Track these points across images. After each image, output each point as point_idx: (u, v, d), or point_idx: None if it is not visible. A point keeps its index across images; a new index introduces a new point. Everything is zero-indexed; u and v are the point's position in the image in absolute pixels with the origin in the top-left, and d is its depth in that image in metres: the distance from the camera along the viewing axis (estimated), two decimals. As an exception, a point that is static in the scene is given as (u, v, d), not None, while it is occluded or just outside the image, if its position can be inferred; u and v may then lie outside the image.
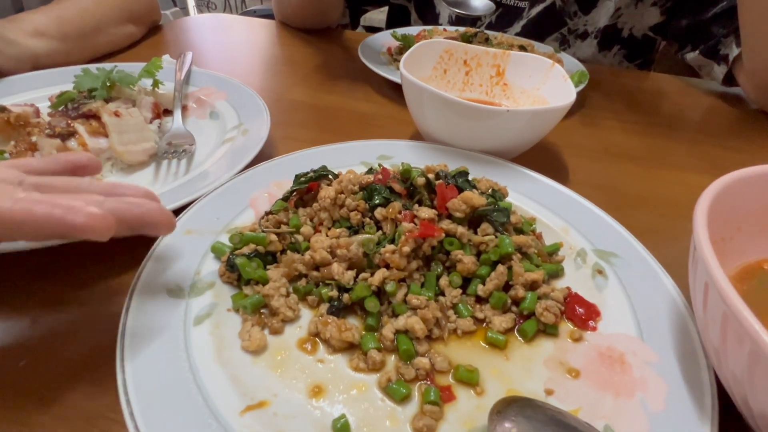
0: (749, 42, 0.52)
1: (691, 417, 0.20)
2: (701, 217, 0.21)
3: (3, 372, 0.22)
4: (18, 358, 0.23)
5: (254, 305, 0.24)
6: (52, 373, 0.22)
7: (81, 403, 0.21)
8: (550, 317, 0.24)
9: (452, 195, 0.27)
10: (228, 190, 0.31)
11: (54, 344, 0.23)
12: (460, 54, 0.45)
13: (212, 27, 0.76)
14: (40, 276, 0.27)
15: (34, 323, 0.25)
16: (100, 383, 0.21)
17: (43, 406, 0.20)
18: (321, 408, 0.20)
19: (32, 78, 0.45)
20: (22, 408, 0.20)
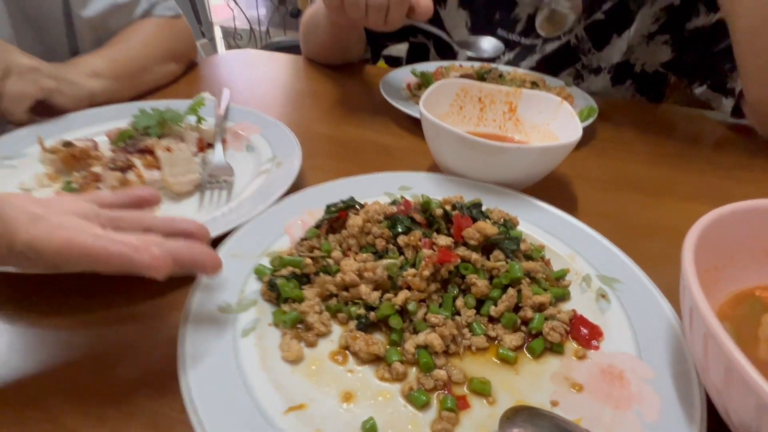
0: (747, 78, 0.54)
1: (682, 427, 0.22)
2: (689, 248, 0.24)
3: (80, 375, 0.26)
4: (91, 365, 0.26)
5: (292, 321, 0.27)
6: (120, 377, 0.25)
7: (146, 401, 0.24)
8: (556, 337, 0.27)
9: (467, 224, 0.31)
10: (266, 218, 0.35)
11: (120, 352, 0.27)
12: (474, 92, 0.49)
13: (242, 63, 0.82)
14: (104, 292, 0.31)
15: (101, 334, 0.28)
16: (162, 385, 0.25)
17: (115, 404, 0.24)
18: (351, 411, 0.23)
19: (89, 115, 0.51)
20: (99, 405, 0.24)
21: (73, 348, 0.27)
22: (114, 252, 0.22)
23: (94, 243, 0.22)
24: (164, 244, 0.24)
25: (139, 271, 0.22)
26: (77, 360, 0.27)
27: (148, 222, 0.26)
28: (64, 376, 0.26)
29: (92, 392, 0.25)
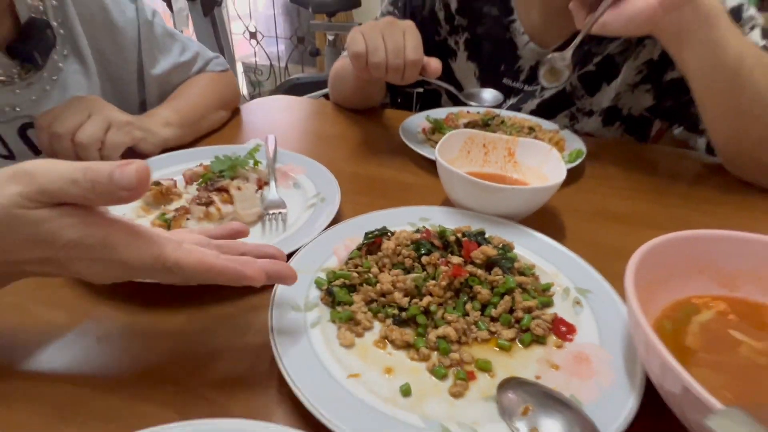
0: (707, 126, 0.65)
1: (626, 391, 0.31)
2: (632, 267, 0.33)
3: (188, 362, 0.35)
4: (197, 354, 0.36)
5: (345, 318, 0.37)
6: (220, 363, 0.35)
7: (244, 374, 0.34)
8: (540, 331, 0.36)
9: (474, 248, 0.41)
10: (317, 243, 0.45)
11: (218, 343, 0.37)
12: (480, 140, 0.60)
13: (278, 107, 0.95)
14: (202, 299, 0.41)
15: (205, 329, 0.38)
16: (253, 364, 0.34)
17: (218, 386, 0.34)
18: (391, 380, 0.33)
19: (165, 158, 0.62)
20: (206, 386, 0.34)
21: (184, 341, 0.37)
22: (230, 268, 0.31)
23: (215, 262, 0.31)
24: (257, 262, 0.34)
25: (244, 282, 0.31)
26: (187, 350, 0.37)
27: (243, 248, 0.36)
28: (177, 363, 0.35)
29: (200, 376, 0.34)
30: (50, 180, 0.26)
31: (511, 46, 0.81)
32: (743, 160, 0.64)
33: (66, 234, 0.26)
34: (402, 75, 0.63)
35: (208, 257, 0.30)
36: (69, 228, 0.26)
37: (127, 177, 0.25)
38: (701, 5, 0.54)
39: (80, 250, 0.27)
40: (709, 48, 0.56)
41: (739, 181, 0.67)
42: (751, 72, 0.57)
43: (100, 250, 0.27)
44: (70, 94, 0.65)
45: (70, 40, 0.66)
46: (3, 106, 0.60)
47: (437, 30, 0.86)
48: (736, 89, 0.58)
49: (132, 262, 0.27)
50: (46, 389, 0.32)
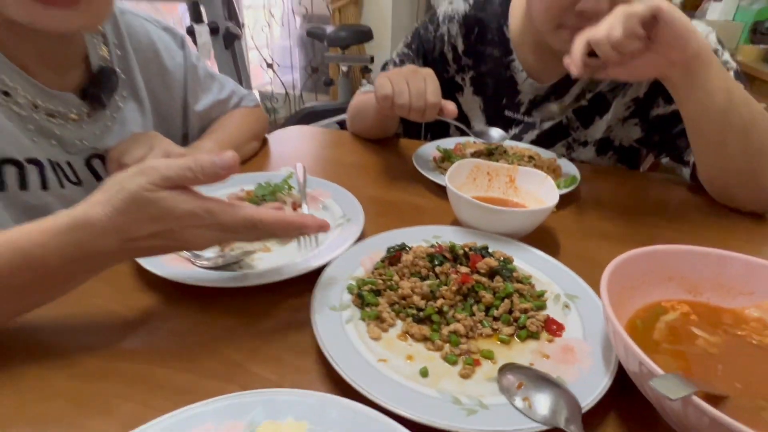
0: (697, 157, 0.72)
1: (602, 373, 0.38)
2: (606, 274, 0.41)
3: (244, 350, 0.44)
4: (252, 343, 0.44)
5: (373, 316, 0.45)
6: (273, 349, 0.43)
7: (291, 358, 0.42)
8: (534, 328, 0.44)
9: (479, 260, 0.49)
10: (346, 256, 0.53)
11: (270, 333, 0.45)
12: (484, 168, 0.69)
13: (302, 137, 1.05)
14: (254, 296, 0.49)
15: (256, 325, 0.46)
16: (299, 354, 0.42)
17: (274, 362, 0.42)
18: (412, 365, 0.40)
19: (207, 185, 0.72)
20: (259, 365, 0.42)
21: (240, 335, 0.45)
22: (297, 219, 0.41)
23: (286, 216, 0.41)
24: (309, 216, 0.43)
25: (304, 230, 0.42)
26: (242, 342, 0.45)
27: None
28: (236, 351, 0.44)
29: (255, 361, 0.42)
30: (170, 169, 0.36)
31: (512, 83, 0.90)
32: (728, 189, 0.72)
33: (181, 206, 0.37)
34: (423, 115, 0.72)
35: (281, 213, 0.41)
36: (183, 202, 0.37)
37: (224, 160, 0.37)
38: (703, 57, 0.60)
39: (191, 219, 0.37)
40: (705, 91, 0.62)
41: (718, 205, 0.75)
42: (738, 110, 0.63)
43: (205, 217, 0.37)
44: (127, 129, 0.75)
45: (129, 83, 0.77)
46: (74, 140, 0.69)
47: (446, 68, 0.96)
48: (725, 126, 0.64)
49: (228, 224, 0.38)
50: (140, 370, 0.40)
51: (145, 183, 0.36)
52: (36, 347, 0.42)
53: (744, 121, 0.64)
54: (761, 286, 0.44)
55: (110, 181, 0.38)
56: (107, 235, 0.38)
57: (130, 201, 0.36)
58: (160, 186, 0.36)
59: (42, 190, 0.64)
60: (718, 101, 0.62)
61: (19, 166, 0.61)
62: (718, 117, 0.64)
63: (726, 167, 0.69)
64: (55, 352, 0.42)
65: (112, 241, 0.38)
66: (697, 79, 0.61)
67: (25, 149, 0.62)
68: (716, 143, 0.67)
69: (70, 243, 0.38)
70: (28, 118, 0.62)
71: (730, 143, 0.65)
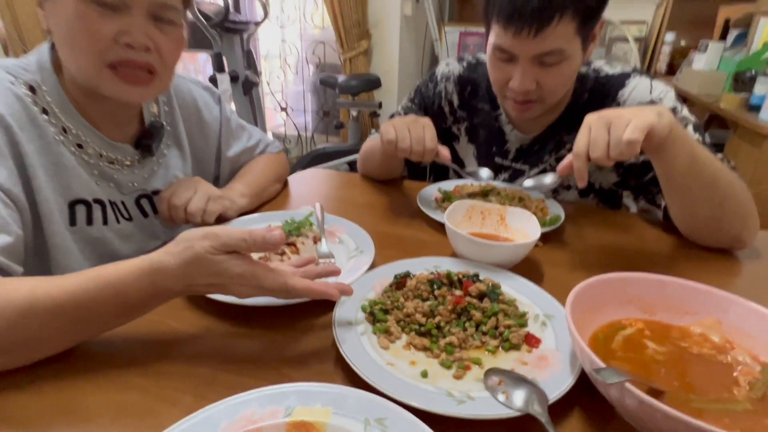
0: (670, 208, 0.81)
1: (567, 375, 0.47)
2: (571, 296, 0.51)
3: (275, 358, 0.53)
4: (282, 352, 0.54)
5: (383, 330, 0.54)
6: (300, 355, 0.53)
7: (315, 363, 0.51)
8: (516, 341, 0.53)
9: (470, 285, 0.59)
10: (360, 282, 0.63)
11: (299, 344, 0.55)
12: (478, 208, 0.80)
13: (317, 179, 1.17)
14: (283, 316, 0.59)
15: (282, 337, 0.56)
16: (322, 359, 0.52)
17: (302, 365, 0.51)
18: (415, 368, 0.50)
19: (242, 221, 0.83)
20: (287, 368, 0.51)
21: (274, 343, 0.55)
22: (322, 290, 0.50)
23: (313, 286, 0.51)
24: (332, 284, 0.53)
25: (327, 297, 0.51)
26: (274, 350, 0.54)
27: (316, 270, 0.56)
28: (268, 357, 0.53)
29: (284, 364, 0.52)
30: (229, 238, 0.46)
31: (500, 133, 1.03)
32: (696, 231, 0.81)
33: (233, 269, 0.46)
34: (422, 158, 0.84)
35: (310, 284, 0.50)
36: (235, 266, 0.46)
37: (271, 238, 0.46)
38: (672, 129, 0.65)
39: (239, 279, 0.46)
40: (671, 155, 0.69)
41: (689, 242, 0.85)
42: (701, 169, 0.71)
43: (250, 279, 0.47)
44: (170, 172, 0.88)
45: (173, 134, 0.90)
46: (127, 183, 0.82)
47: (444, 120, 1.09)
48: (690, 182, 0.72)
49: (267, 287, 0.47)
50: (193, 370, 0.50)
51: (209, 246, 0.47)
52: (111, 353, 0.52)
53: (707, 177, 0.72)
54: (703, 307, 0.53)
55: (182, 237, 0.49)
56: (175, 279, 0.48)
57: (195, 258, 0.47)
58: (220, 250, 0.47)
59: (103, 225, 0.76)
60: (683, 163, 0.70)
61: (87, 206, 0.73)
62: (683, 175, 0.72)
63: (693, 214, 0.79)
64: (126, 357, 0.52)
65: (178, 284, 0.49)
66: (663, 151, 0.68)
67: (92, 191, 0.74)
68: (683, 196, 0.76)
69: (147, 282, 0.49)
70: (94, 165, 0.75)
71: (695, 196, 0.74)
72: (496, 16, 0.79)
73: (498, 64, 0.86)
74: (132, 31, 0.64)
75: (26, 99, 0.66)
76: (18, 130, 0.64)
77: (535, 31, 0.75)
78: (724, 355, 0.49)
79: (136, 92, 0.68)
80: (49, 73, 0.70)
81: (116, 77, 0.65)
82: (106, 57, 0.64)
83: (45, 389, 0.47)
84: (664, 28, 2.92)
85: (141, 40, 0.64)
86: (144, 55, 0.66)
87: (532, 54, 0.79)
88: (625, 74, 0.91)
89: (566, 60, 0.80)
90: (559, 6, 0.74)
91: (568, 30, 0.77)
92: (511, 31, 0.77)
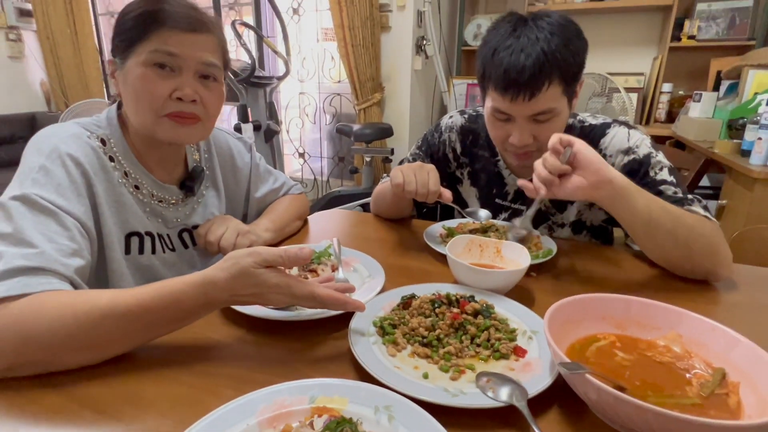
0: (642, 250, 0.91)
1: (546, 376, 0.56)
2: (548, 312, 0.60)
3: (296, 361, 0.63)
4: (302, 358, 0.64)
5: (391, 341, 0.64)
6: (319, 361, 0.63)
7: (334, 367, 0.61)
8: (505, 351, 0.62)
9: (466, 304, 0.68)
10: (372, 303, 0.73)
11: (317, 351, 0.64)
12: (477, 242, 0.90)
13: (335, 218, 1.29)
14: (305, 330, 0.69)
15: (306, 346, 0.66)
16: (339, 364, 0.62)
17: (321, 367, 0.61)
18: (418, 372, 0.59)
19: (268, 252, 0.95)
20: (306, 368, 0.61)
21: (299, 351, 0.65)
22: (342, 299, 0.61)
23: (336, 296, 0.61)
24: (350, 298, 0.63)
25: (346, 308, 0.62)
26: (298, 356, 0.64)
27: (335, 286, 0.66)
28: (295, 360, 0.63)
29: (304, 367, 0.62)
30: (269, 254, 0.58)
31: (499, 177, 1.15)
32: (670, 266, 0.90)
33: (271, 281, 0.57)
34: (426, 198, 0.96)
35: (331, 293, 0.60)
36: (273, 278, 0.58)
37: (302, 255, 0.58)
38: (616, 183, 0.77)
39: (276, 288, 0.57)
40: (627, 208, 0.81)
41: (669, 273, 0.93)
42: (659, 218, 0.82)
43: (284, 288, 0.58)
44: (208, 210, 1.01)
45: (211, 177, 1.04)
46: (172, 218, 0.95)
47: (448, 165, 1.22)
48: (651, 230, 0.83)
49: (298, 295, 0.58)
50: (231, 372, 0.60)
51: (252, 262, 0.59)
52: (165, 358, 0.62)
53: (667, 224, 0.82)
54: (664, 323, 0.62)
55: (230, 255, 0.61)
56: (223, 291, 0.60)
57: (240, 272, 0.59)
58: (261, 265, 0.59)
59: (151, 254, 0.88)
60: (641, 215, 0.79)
61: (140, 237, 0.86)
62: (643, 225, 0.83)
63: (662, 255, 0.89)
64: (177, 361, 0.62)
65: (225, 295, 0.60)
66: (617, 201, 0.79)
67: (144, 225, 0.87)
68: (648, 241, 0.87)
69: (200, 292, 0.60)
70: (147, 203, 0.88)
71: (660, 240, 0.85)
72: (493, 85, 0.93)
73: (497, 123, 0.99)
74: (183, 87, 0.79)
75: (98, 149, 0.81)
76: (92, 174, 0.78)
77: (528, 97, 0.89)
78: (682, 362, 0.58)
79: (185, 133, 0.83)
80: (115, 128, 0.85)
81: (170, 122, 0.81)
82: (163, 109, 0.80)
83: (114, 383, 0.57)
84: (660, 79, 3.09)
85: (190, 94, 0.80)
86: (192, 106, 0.81)
87: (527, 114, 0.93)
88: (606, 124, 1.04)
89: (557, 116, 0.93)
90: (547, 74, 0.87)
91: (557, 92, 0.90)
92: (508, 98, 0.91)
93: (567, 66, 0.88)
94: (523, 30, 0.89)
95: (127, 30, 0.78)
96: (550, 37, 0.87)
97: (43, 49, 4.17)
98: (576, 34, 0.91)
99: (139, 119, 0.82)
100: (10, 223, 0.64)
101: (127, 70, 0.79)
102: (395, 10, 3.08)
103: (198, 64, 0.80)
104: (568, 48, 0.88)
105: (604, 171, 0.78)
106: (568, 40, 0.88)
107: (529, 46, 0.87)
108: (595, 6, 3.16)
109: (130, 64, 0.78)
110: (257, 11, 3.61)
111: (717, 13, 3.01)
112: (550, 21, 0.89)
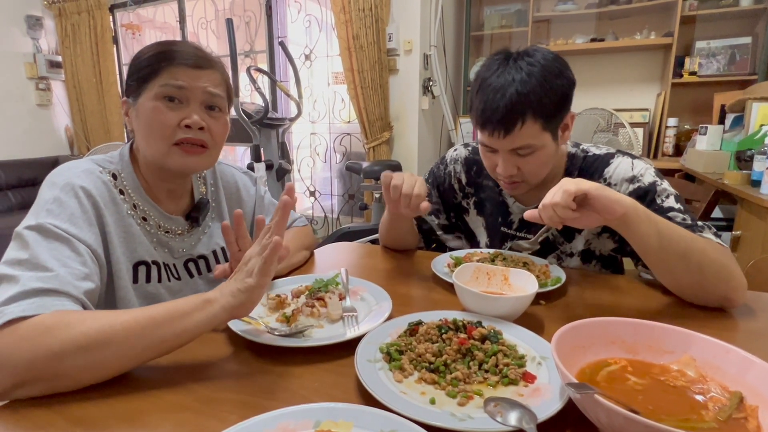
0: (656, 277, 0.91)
1: (556, 401, 0.55)
2: (556, 336, 0.59)
3: (303, 388, 0.62)
4: (308, 384, 0.63)
5: (398, 367, 0.63)
6: (327, 387, 0.62)
7: (339, 393, 0.60)
8: (513, 377, 0.61)
9: (473, 330, 0.68)
10: (379, 330, 0.73)
11: (324, 380, 0.64)
12: (484, 270, 0.90)
13: (343, 250, 1.30)
14: (311, 356, 0.69)
15: (311, 372, 0.65)
16: (345, 391, 0.61)
17: (324, 395, 0.60)
18: (425, 397, 0.58)
19: (278, 282, 0.95)
20: (311, 395, 0.60)
21: (304, 377, 0.64)
22: None
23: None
24: None
25: None
26: (307, 381, 0.63)
27: None
28: (301, 386, 0.62)
29: (314, 391, 0.61)
30: None
31: (504, 206, 1.16)
32: (683, 294, 0.89)
33: None
34: (409, 203, 0.97)
35: None
36: None
37: None
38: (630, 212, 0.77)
39: None
40: (639, 236, 0.81)
41: (683, 301, 0.91)
42: (671, 245, 0.82)
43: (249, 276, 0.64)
44: (213, 241, 1.03)
45: (217, 208, 1.07)
46: (178, 248, 0.97)
47: (455, 195, 1.23)
48: (664, 256, 0.83)
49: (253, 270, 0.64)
50: (235, 396, 0.60)
51: None
52: (162, 383, 0.62)
53: (679, 250, 0.82)
54: (676, 346, 0.60)
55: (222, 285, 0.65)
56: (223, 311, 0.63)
57: None
58: None
59: (158, 282, 0.90)
60: (653, 242, 0.80)
61: (147, 266, 0.88)
62: (656, 252, 0.83)
63: (676, 281, 0.88)
64: (181, 385, 0.62)
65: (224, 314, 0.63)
66: (630, 229, 0.79)
67: (152, 254, 0.89)
68: (662, 267, 0.87)
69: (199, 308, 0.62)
70: (154, 234, 0.91)
71: (672, 267, 0.84)
72: (475, 122, 1.00)
73: (486, 154, 1.04)
74: (191, 116, 0.84)
75: (109, 183, 0.85)
76: (103, 206, 0.81)
77: (504, 134, 0.94)
78: (697, 386, 0.56)
79: (192, 162, 0.88)
80: (126, 163, 0.89)
81: (180, 151, 0.85)
82: (173, 138, 0.84)
83: (117, 407, 0.57)
84: (665, 114, 3.13)
85: (197, 122, 0.85)
86: (199, 133, 0.86)
87: (507, 149, 0.97)
88: (609, 154, 1.05)
89: (538, 150, 0.96)
90: (519, 113, 0.92)
91: (534, 129, 0.94)
92: (486, 133, 0.97)
93: (541, 106, 0.92)
94: (505, 69, 0.94)
95: (141, 69, 0.85)
96: (526, 79, 0.91)
97: (70, 97, 4.41)
98: (557, 72, 0.94)
99: (150, 150, 0.86)
100: (27, 251, 0.67)
101: (139, 105, 0.85)
102: (402, 54, 3.22)
103: (204, 94, 0.85)
104: (545, 87, 0.92)
105: (617, 208, 0.77)
106: (545, 80, 0.92)
107: (505, 86, 0.92)
108: (596, 46, 3.26)
109: (142, 99, 0.84)
110: (271, 58, 3.79)
111: (716, 50, 3.08)
112: (530, 61, 0.93)
